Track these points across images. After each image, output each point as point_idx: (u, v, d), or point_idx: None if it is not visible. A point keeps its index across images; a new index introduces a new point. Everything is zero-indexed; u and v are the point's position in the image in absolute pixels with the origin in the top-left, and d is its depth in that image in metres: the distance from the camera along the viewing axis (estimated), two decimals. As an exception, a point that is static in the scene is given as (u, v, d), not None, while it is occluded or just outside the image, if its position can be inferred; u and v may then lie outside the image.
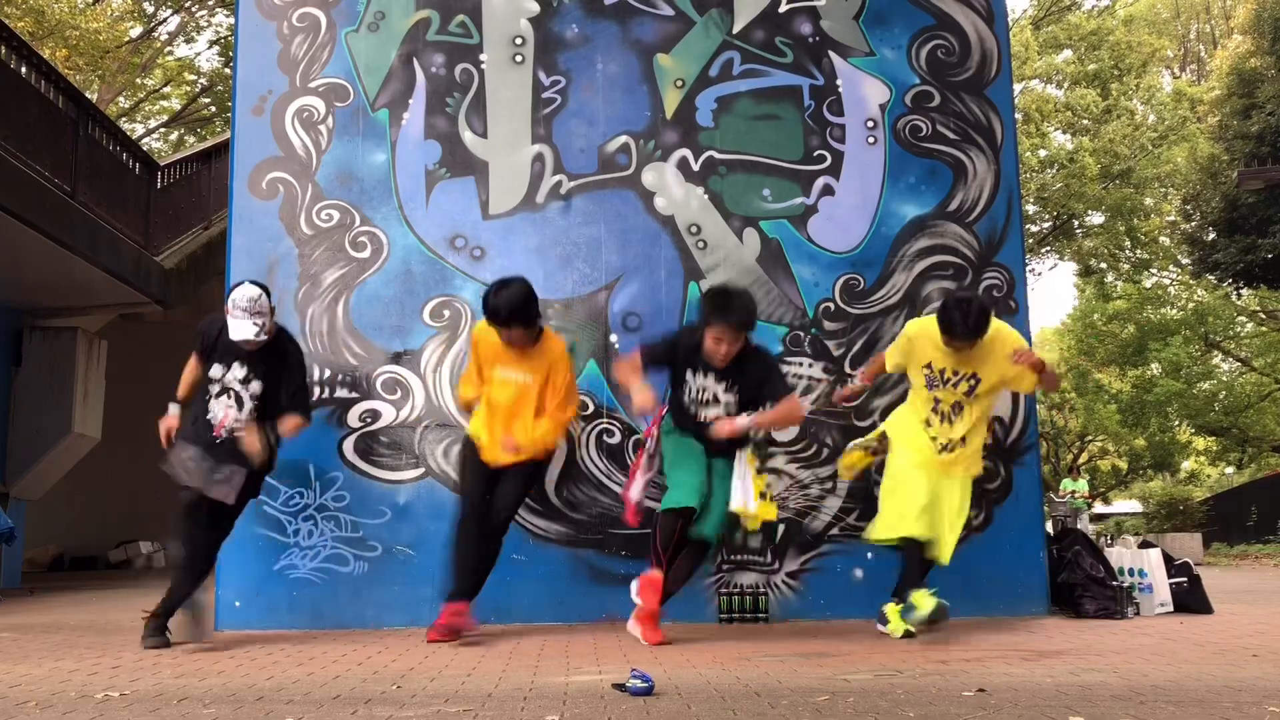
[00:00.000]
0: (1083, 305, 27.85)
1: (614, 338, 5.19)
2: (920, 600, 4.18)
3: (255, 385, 4.36)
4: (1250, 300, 23.90)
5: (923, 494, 4.32)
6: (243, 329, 4.20)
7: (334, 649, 4.15)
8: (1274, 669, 3.33)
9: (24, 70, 9.07)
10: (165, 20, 21.36)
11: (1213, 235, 19.63)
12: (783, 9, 5.51)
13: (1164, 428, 25.57)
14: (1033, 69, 25.06)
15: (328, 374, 5.10)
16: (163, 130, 24.02)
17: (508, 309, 4.29)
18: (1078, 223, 25.92)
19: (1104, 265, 26.76)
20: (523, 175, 5.34)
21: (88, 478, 12.85)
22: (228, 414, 4.34)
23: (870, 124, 5.43)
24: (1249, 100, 18.44)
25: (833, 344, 5.23)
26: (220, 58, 22.09)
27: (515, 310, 4.30)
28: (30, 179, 8.61)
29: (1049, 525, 5.92)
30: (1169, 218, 25.23)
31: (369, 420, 5.10)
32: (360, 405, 5.11)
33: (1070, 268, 28.24)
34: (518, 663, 3.65)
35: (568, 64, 5.43)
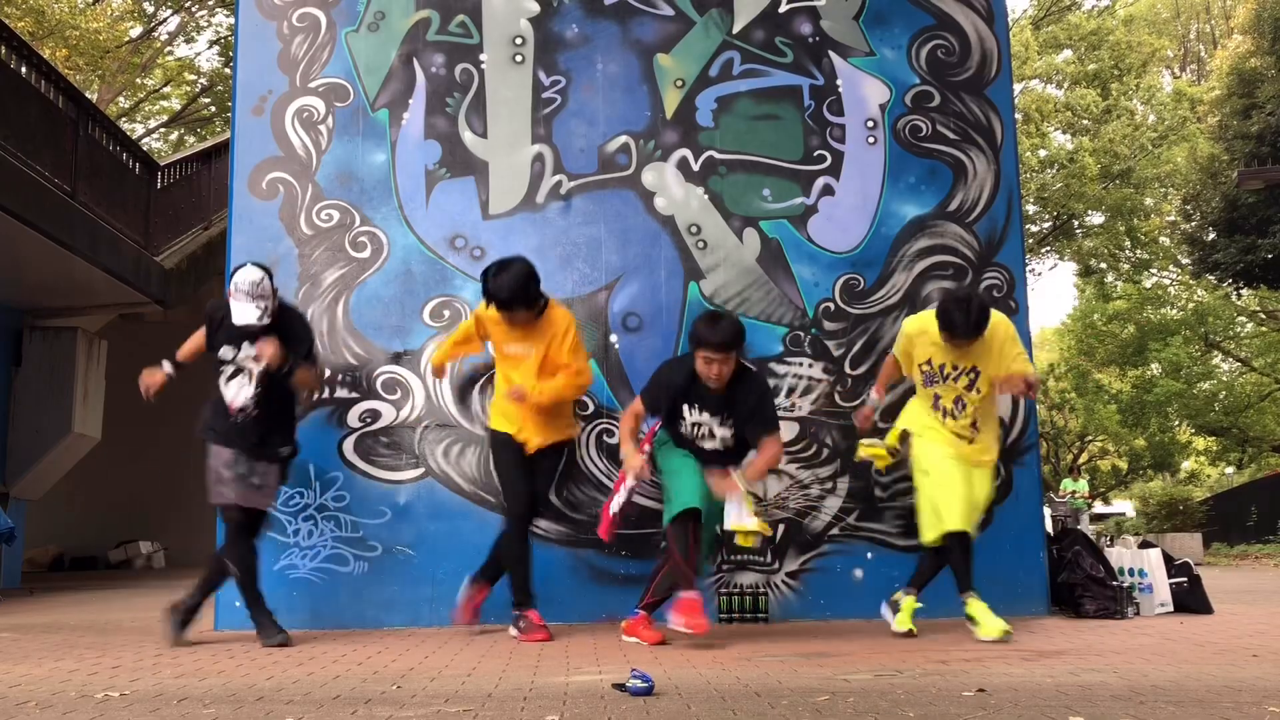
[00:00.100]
0: (1083, 305, 27.87)
1: (614, 338, 5.19)
2: (983, 617, 4.19)
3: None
4: (1250, 300, 23.90)
5: (960, 485, 4.31)
6: (245, 312, 4.21)
7: (334, 649, 4.15)
8: (1274, 669, 3.33)
9: (24, 70, 9.08)
10: (165, 20, 21.39)
11: (1213, 235, 19.64)
12: (783, 9, 5.51)
13: (1164, 428, 25.57)
14: (1033, 69, 25.06)
15: (328, 374, 5.10)
16: (163, 130, 24.04)
17: (508, 292, 4.29)
18: (1078, 223, 25.94)
19: (1104, 265, 26.77)
20: (523, 175, 5.34)
21: (88, 478, 12.85)
22: (241, 393, 4.36)
23: (870, 124, 5.43)
24: (1249, 100, 18.44)
25: (833, 344, 5.23)
26: (220, 58, 22.11)
27: (516, 293, 4.30)
28: (30, 179, 8.62)
29: (1049, 525, 5.91)
30: (1169, 218, 25.24)
31: (369, 420, 5.10)
32: (360, 405, 5.11)
33: (1070, 268, 28.28)
34: (518, 663, 3.65)
35: (568, 64, 5.43)
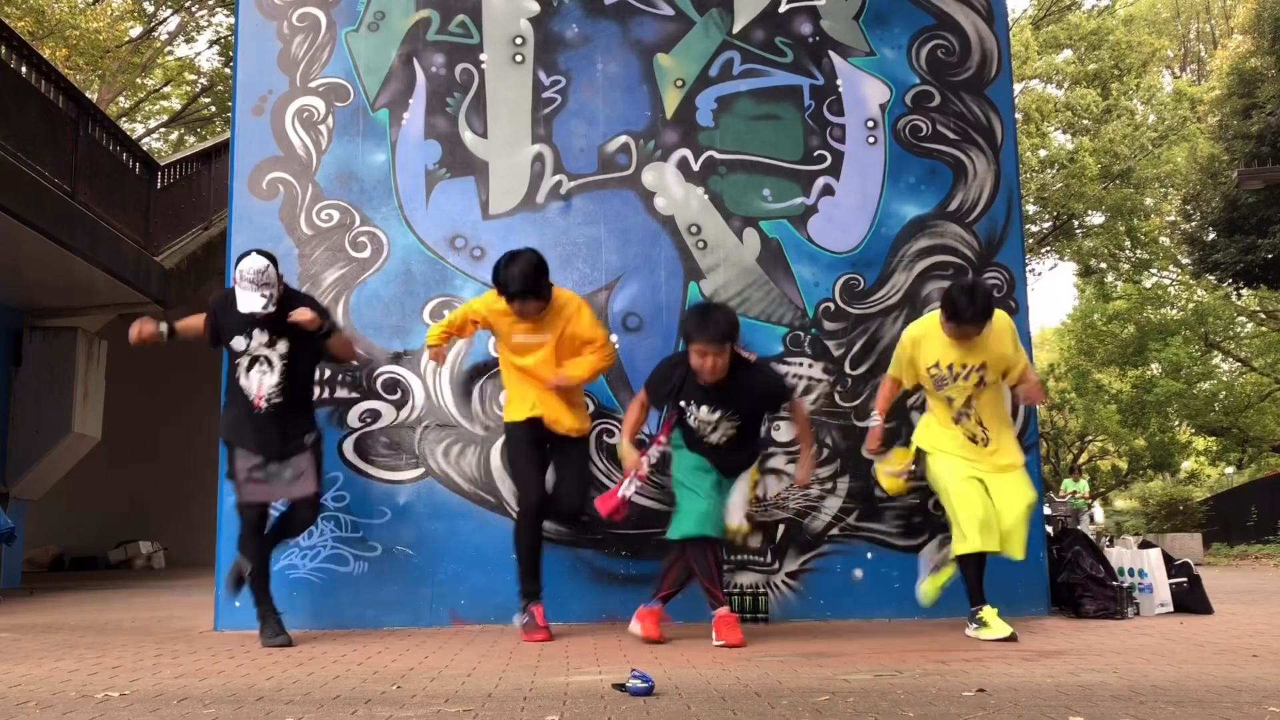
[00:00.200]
0: (1083, 305, 27.87)
1: (614, 338, 5.18)
2: (991, 621, 4.21)
3: (282, 345, 4.34)
4: (1250, 300, 23.91)
5: (978, 506, 4.30)
6: (251, 301, 4.18)
7: (334, 649, 4.15)
8: (1274, 669, 3.33)
9: (24, 70, 9.07)
10: (165, 20, 21.39)
11: (1213, 235, 19.65)
12: (783, 9, 5.51)
13: (1164, 428, 25.57)
14: (1033, 69, 25.06)
15: (328, 374, 5.09)
16: (163, 130, 24.04)
17: (520, 283, 4.28)
18: (1078, 223, 25.94)
19: (1104, 265, 26.78)
20: (523, 175, 5.34)
21: (88, 478, 12.85)
22: (263, 382, 4.33)
23: (870, 124, 5.43)
24: (1249, 100, 18.45)
25: (833, 344, 5.23)
26: (220, 58, 22.10)
27: (527, 284, 4.29)
28: (30, 179, 8.62)
29: (1048, 526, 5.91)
30: (1169, 218, 25.24)
31: (369, 420, 5.10)
32: (360, 405, 5.11)
33: (1070, 268, 28.28)
34: (518, 663, 3.65)
35: (568, 64, 5.43)
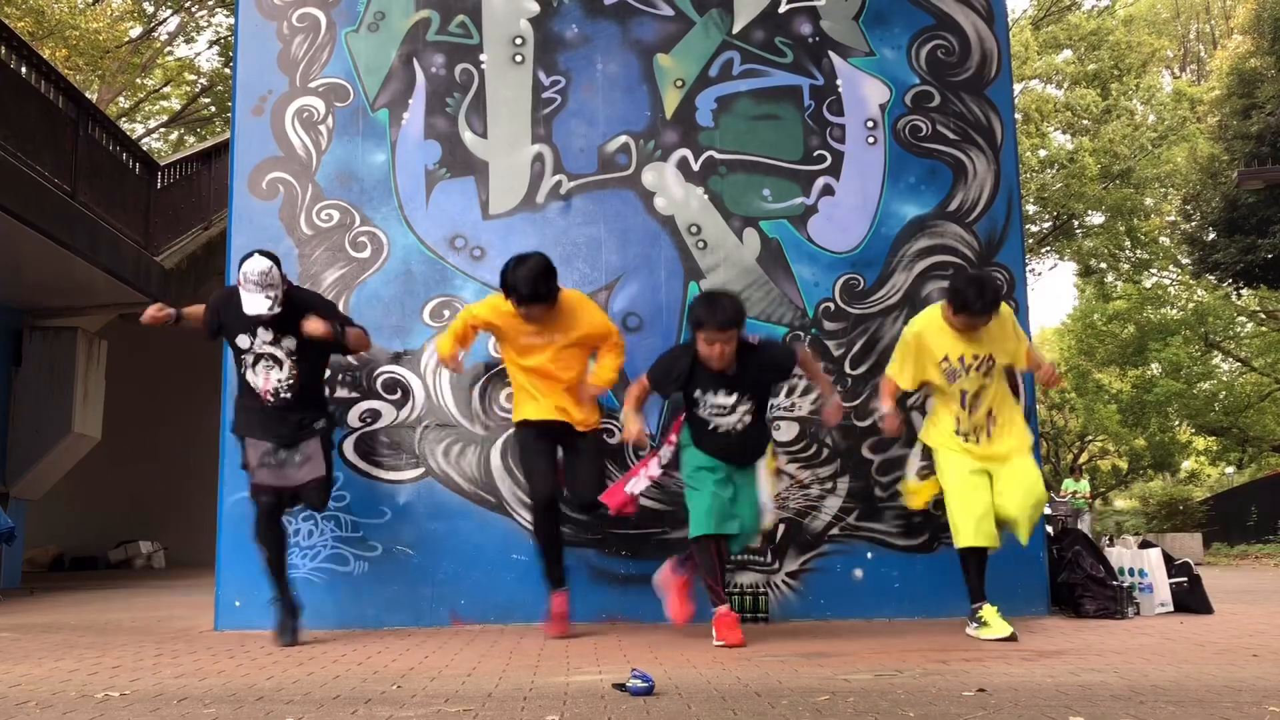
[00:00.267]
0: (1083, 305, 27.88)
1: (614, 338, 5.18)
2: (992, 620, 4.22)
3: (289, 341, 4.35)
4: (1250, 300, 23.92)
5: (977, 504, 4.33)
6: (256, 303, 4.18)
7: (334, 649, 4.15)
8: (1274, 669, 3.33)
9: (24, 70, 9.07)
10: (165, 20, 21.39)
11: (1213, 235, 19.66)
12: (783, 9, 5.51)
13: (1164, 428, 25.58)
14: (1033, 69, 25.07)
15: (328, 374, 5.09)
16: (163, 130, 24.04)
17: (529, 287, 4.27)
18: (1078, 223, 25.94)
19: (1104, 265, 26.79)
20: (523, 175, 5.34)
21: (88, 478, 12.84)
22: (269, 376, 4.34)
23: (870, 124, 5.43)
24: (1249, 100, 18.46)
25: (833, 344, 5.23)
26: (220, 58, 22.10)
27: (537, 288, 4.28)
28: (30, 179, 8.62)
29: (1048, 526, 5.91)
30: (1169, 218, 25.25)
31: (369, 420, 5.10)
32: (360, 405, 5.11)
33: (1070, 268, 28.29)
34: (518, 663, 3.65)
35: (568, 64, 5.43)
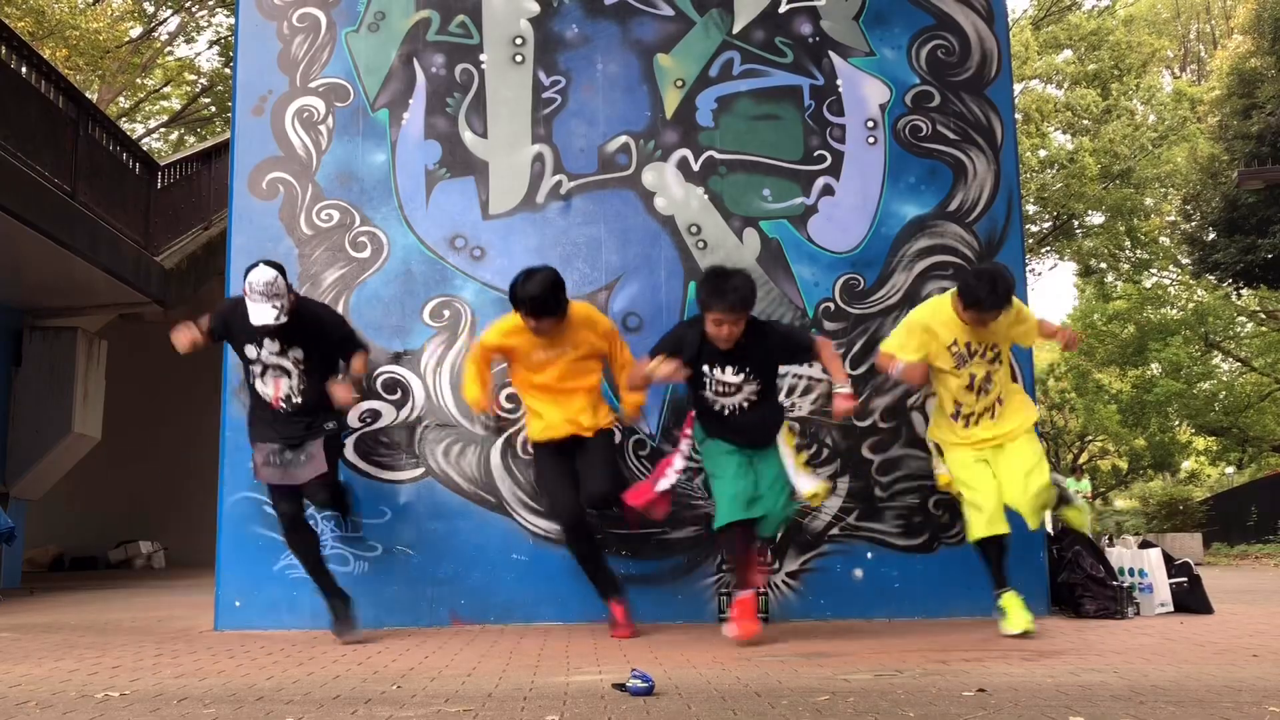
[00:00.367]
0: (1083, 305, 27.87)
1: (614, 338, 5.18)
2: (1013, 610, 4.26)
3: (296, 351, 4.35)
4: (1250, 300, 23.91)
5: (989, 495, 4.37)
6: (262, 313, 4.18)
7: (334, 649, 4.15)
8: (1274, 669, 3.33)
9: (24, 70, 9.07)
10: (165, 20, 21.37)
11: (1213, 235, 19.65)
12: (783, 9, 5.51)
13: (1164, 428, 25.58)
14: (1033, 69, 25.06)
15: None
16: (163, 130, 24.03)
17: (538, 299, 4.26)
18: (1078, 223, 25.93)
19: (1104, 265, 26.77)
20: (523, 175, 5.34)
21: (88, 478, 12.84)
22: (279, 384, 4.35)
23: (870, 124, 5.42)
24: (1249, 100, 18.45)
25: (833, 344, 5.21)
26: (220, 58, 22.09)
27: (546, 301, 4.28)
28: (30, 179, 8.61)
29: (1049, 525, 5.91)
30: (1169, 218, 25.24)
31: (369, 420, 5.10)
32: (360, 405, 5.10)
33: (1070, 268, 28.28)
34: (518, 663, 3.65)
35: (568, 64, 5.43)
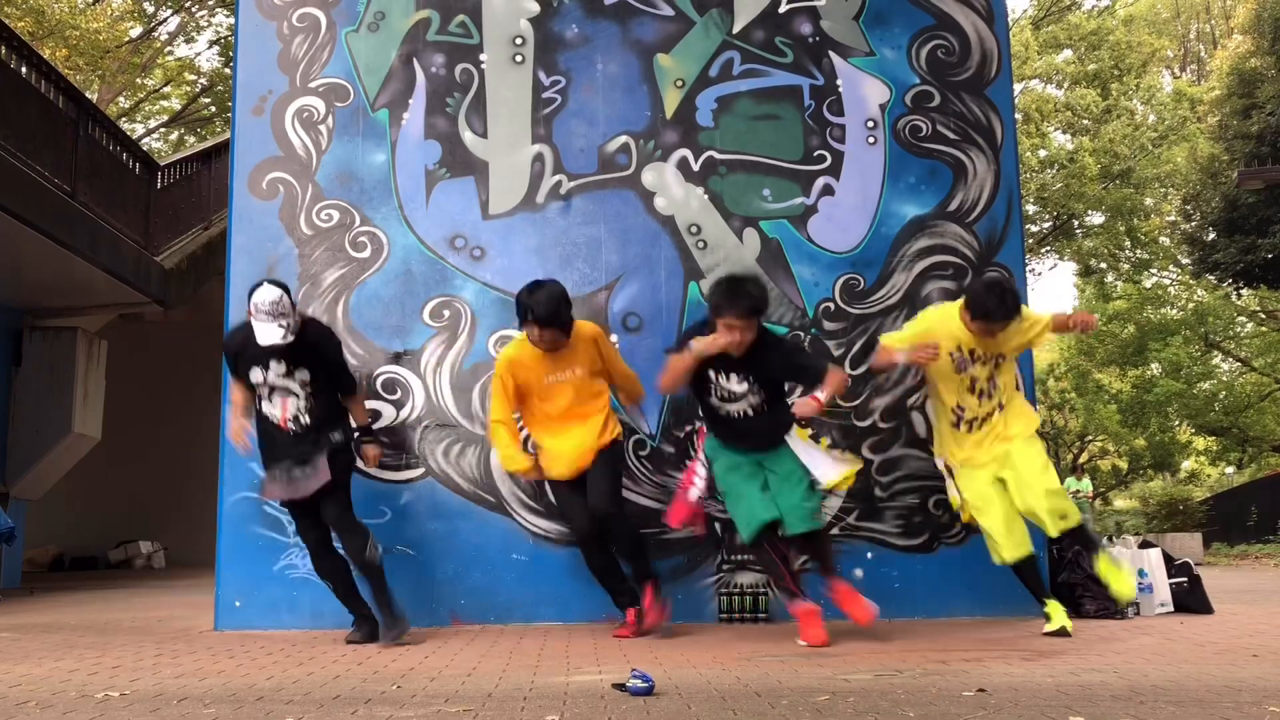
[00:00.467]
0: (1083, 305, 27.85)
1: (614, 338, 5.18)
2: (1055, 613, 4.31)
3: (302, 373, 4.33)
4: (1250, 300, 23.92)
5: (999, 518, 4.38)
6: (269, 333, 4.14)
7: (334, 649, 4.15)
8: (1274, 669, 3.33)
9: (24, 70, 9.07)
10: (165, 20, 21.38)
11: (1213, 235, 19.65)
12: (783, 9, 5.51)
13: (1164, 428, 25.58)
14: (1033, 69, 25.07)
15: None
16: (163, 130, 24.03)
17: (545, 309, 4.25)
18: (1078, 223, 25.94)
19: (1104, 265, 26.79)
20: (523, 175, 5.34)
21: (88, 478, 12.84)
22: (287, 405, 4.33)
23: (870, 124, 5.42)
24: (1249, 100, 18.45)
25: (833, 344, 5.23)
26: (220, 58, 22.09)
27: (553, 310, 4.26)
28: (30, 179, 8.61)
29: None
30: (1169, 218, 25.25)
31: (369, 421, 5.09)
32: (360, 405, 5.10)
33: (1070, 268, 28.30)
34: (518, 663, 3.65)
35: (568, 64, 5.43)
